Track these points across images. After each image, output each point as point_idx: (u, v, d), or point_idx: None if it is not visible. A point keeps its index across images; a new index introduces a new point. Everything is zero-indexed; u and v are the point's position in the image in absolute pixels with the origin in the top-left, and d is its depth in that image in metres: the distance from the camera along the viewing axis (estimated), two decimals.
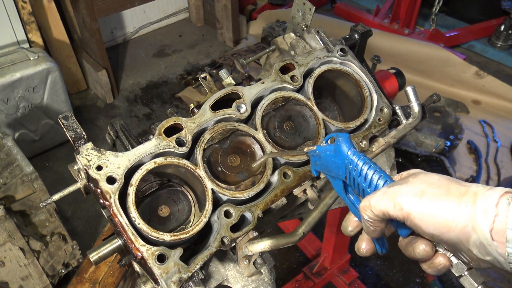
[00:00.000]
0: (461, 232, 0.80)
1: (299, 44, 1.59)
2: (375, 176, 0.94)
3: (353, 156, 0.97)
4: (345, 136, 1.00)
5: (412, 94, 1.48)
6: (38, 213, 2.61)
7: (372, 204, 0.89)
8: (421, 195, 0.84)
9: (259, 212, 1.25)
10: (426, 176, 0.88)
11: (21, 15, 3.78)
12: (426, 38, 5.02)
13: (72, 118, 1.19)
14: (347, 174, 0.99)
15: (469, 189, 0.82)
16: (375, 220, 0.91)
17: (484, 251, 0.79)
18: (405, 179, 0.91)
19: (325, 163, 1.05)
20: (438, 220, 0.81)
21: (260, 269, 1.30)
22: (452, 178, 0.87)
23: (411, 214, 0.84)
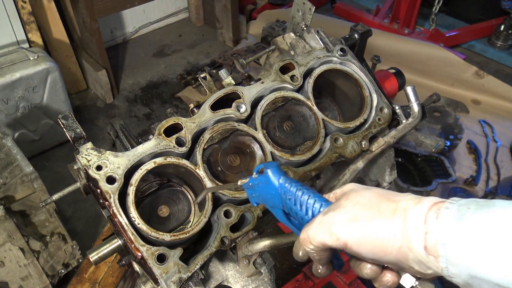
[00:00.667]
0: (398, 253, 0.80)
1: (299, 44, 1.59)
2: (311, 201, 0.93)
3: (286, 184, 0.96)
4: (273, 166, 0.99)
5: (412, 94, 1.48)
6: (38, 213, 2.61)
7: (311, 237, 0.88)
8: (354, 220, 0.84)
9: (259, 212, 1.25)
10: (358, 196, 0.88)
11: (20, 15, 3.77)
12: (426, 38, 5.02)
13: (71, 118, 1.19)
14: (283, 203, 0.98)
15: (399, 205, 0.82)
16: (317, 251, 0.90)
17: (424, 266, 0.79)
18: (338, 202, 0.90)
19: (260, 195, 1.03)
20: (374, 245, 0.82)
21: (260, 269, 1.30)
22: (384, 193, 0.87)
23: (347, 243, 0.84)
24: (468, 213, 0.74)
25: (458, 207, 0.76)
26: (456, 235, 0.73)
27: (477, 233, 0.72)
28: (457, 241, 0.73)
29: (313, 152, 1.36)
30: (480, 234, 0.71)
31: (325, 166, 1.37)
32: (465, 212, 0.75)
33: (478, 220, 0.73)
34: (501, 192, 3.47)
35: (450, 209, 0.76)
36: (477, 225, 0.72)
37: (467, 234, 0.72)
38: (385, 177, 1.67)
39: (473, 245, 0.72)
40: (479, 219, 0.73)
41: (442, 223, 0.75)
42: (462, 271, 0.74)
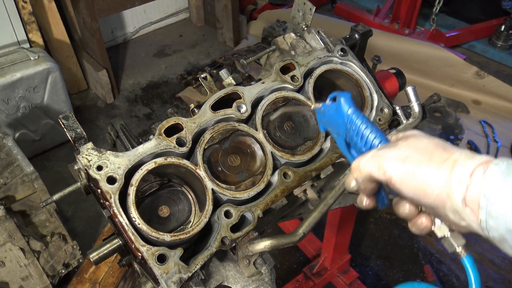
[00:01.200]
0: (437, 198, 0.82)
1: (300, 44, 1.59)
2: (371, 136, 0.97)
3: (353, 115, 1.01)
4: (346, 96, 1.03)
5: (413, 94, 1.47)
6: (38, 213, 2.61)
7: (361, 166, 0.92)
8: (404, 160, 0.86)
9: (260, 212, 1.24)
10: (416, 140, 0.91)
11: (21, 15, 3.78)
12: (426, 38, 5.02)
13: (72, 118, 1.19)
14: (347, 132, 1.03)
15: (451, 156, 0.84)
16: (364, 180, 0.94)
17: (459, 217, 0.82)
18: (396, 142, 0.93)
19: (328, 121, 1.10)
20: (416, 185, 0.84)
21: (260, 269, 1.30)
22: (442, 143, 0.89)
23: (392, 178, 0.87)
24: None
25: (507, 165, 0.78)
26: (501, 189, 0.75)
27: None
28: (500, 195, 0.75)
29: (313, 152, 1.36)
30: None
31: (325, 166, 1.37)
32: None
33: None
34: None
35: (499, 166, 0.78)
36: None
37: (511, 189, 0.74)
38: None
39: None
40: None
41: (488, 177, 0.77)
42: (500, 224, 0.76)
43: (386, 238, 3.30)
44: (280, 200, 1.30)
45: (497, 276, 3.00)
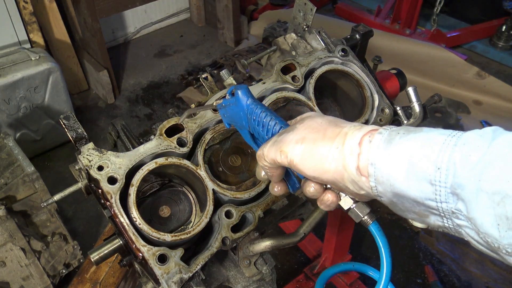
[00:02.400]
0: (335, 172, 0.87)
1: (300, 45, 1.59)
2: (272, 122, 1.01)
3: (252, 106, 1.04)
4: (243, 87, 1.07)
5: (413, 95, 1.47)
6: (39, 213, 2.62)
7: (265, 154, 0.97)
8: (302, 141, 0.91)
9: (260, 212, 1.25)
10: (311, 121, 0.95)
11: (22, 15, 3.78)
12: (427, 38, 5.01)
13: (73, 118, 1.19)
14: (249, 123, 1.06)
15: (342, 130, 0.88)
16: (270, 167, 0.99)
17: (357, 187, 0.86)
18: (293, 126, 0.97)
19: (230, 115, 1.12)
20: (315, 163, 0.88)
21: (261, 269, 1.30)
22: (335, 120, 0.94)
23: (294, 160, 0.91)
24: (397, 137, 0.81)
25: (390, 132, 0.82)
26: (383, 156, 0.80)
27: (400, 155, 0.78)
28: (383, 162, 0.80)
29: None
30: (402, 156, 0.78)
31: None
32: (394, 137, 0.81)
33: (403, 143, 0.79)
34: None
35: (383, 134, 0.83)
36: (401, 148, 0.79)
37: (392, 155, 0.79)
38: None
39: (396, 165, 0.78)
40: (404, 142, 0.79)
41: (373, 146, 0.82)
42: (387, 189, 0.81)
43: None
44: (281, 200, 1.31)
45: (497, 276, 3.00)
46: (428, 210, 0.78)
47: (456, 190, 0.72)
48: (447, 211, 0.75)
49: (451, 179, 0.72)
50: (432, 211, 0.77)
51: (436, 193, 0.75)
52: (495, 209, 0.67)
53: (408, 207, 0.81)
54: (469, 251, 3.14)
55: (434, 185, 0.74)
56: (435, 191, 0.74)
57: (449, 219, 0.76)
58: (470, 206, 0.70)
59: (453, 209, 0.74)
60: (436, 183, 0.74)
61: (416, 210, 0.80)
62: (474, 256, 3.09)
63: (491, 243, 0.70)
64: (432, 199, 0.75)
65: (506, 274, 3.01)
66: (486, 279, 2.98)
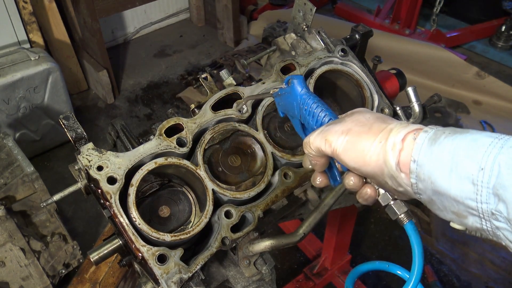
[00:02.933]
0: (375, 165, 0.88)
1: (300, 45, 1.59)
2: (322, 114, 1.03)
3: (305, 96, 1.07)
4: (299, 78, 1.10)
5: (413, 95, 1.47)
6: (38, 213, 2.61)
7: (311, 141, 0.99)
8: (347, 132, 0.92)
9: (260, 212, 1.24)
10: (360, 115, 0.97)
11: (22, 15, 3.78)
12: (427, 38, 5.01)
13: (73, 118, 1.19)
14: (300, 113, 1.09)
15: (388, 126, 0.89)
16: (314, 155, 1.00)
17: (396, 183, 0.87)
18: (342, 118, 0.99)
19: (284, 104, 1.15)
20: (357, 155, 0.90)
21: (261, 269, 1.30)
22: (383, 116, 0.95)
23: (337, 150, 0.93)
24: (442, 137, 0.80)
25: (435, 131, 0.82)
26: (427, 154, 0.80)
27: (444, 154, 0.78)
28: (427, 159, 0.80)
29: None
30: (446, 154, 0.78)
31: None
32: (440, 136, 0.81)
33: (448, 143, 0.79)
34: None
35: (428, 133, 0.83)
36: (446, 147, 0.79)
37: (436, 153, 0.79)
38: None
39: (439, 163, 0.79)
40: (449, 142, 0.79)
41: (418, 143, 0.82)
42: (427, 186, 0.81)
43: (387, 239, 3.30)
44: (280, 200, 1.31)
45: (497, 276, 3.00)
46: (467, 210, 0.77)
47: (498, 191, 0.71)
48: (487, 212, 0.74)
49: (494, 180, 0.72)
50: (471, 211, 0.77)
51: (477, 193, 0.74)
52: None
53: (447, 206, 0.81)
54: (468, 251, 3.14)
55: (476, 185, 0.74)
56: (477, 191, 0.74)
57: (488, 221, 0.75)
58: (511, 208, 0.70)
59: (493, 210, 0.73)
60: (478, 183, 0.73)
61: (455, 209, 0.79)
62: (473, 256, 3.09)
63: None
64: (472, 198, 0.75)
65: (506, 274, 3.01)
66: (485, 279, 2.98)
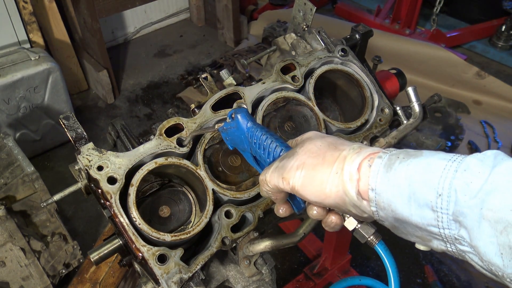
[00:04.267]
0: (336, 196, 0.87)
1: (300, 45, 1.59)
2: (272, 145, 1.01)
3: (252, 129, 1.05)
4: (242, 111, 1.08)
5: (413, 95, 1.47)
6: (39, 213, 2.61)
7: (267, 180, 0.98)
8: (302, 167, 0.91)
9: (260, 212, 1.24)
10: (311, 144, 0.95)
11: (22, 15, 3.78)
12: (427, 38, 5.01)
13: (73, 118, 1.19)
14: (250, 146, 1.07)
15: (341, 154, 0.88)
16: (273, 192, 0.99)
17: (360, 210, 0.87)
18: (294, 150, 0.97)
19: (232, 138, 1.13)
20: (316, 189, 0.89)
21: (261, 269, 1.30)
22: (334, 142, 0.93)
23: (295, 187, 0.92)
24: (397, 162, 0.80)
25: (389, 157, 0.82)
26: (384, 182, 0.80)
27: (401, 181, 0.78)
28: (384, 188, 0.80)
29: None
30: (403, 181, 0.78)
31: None
32: (394, 161, 0.80)
33: (403, 168, 0.79)
34: None
35: (382, 158, 0.82)
36: (401, 173, 0.78)
37: (393, 181, 0.79)
38: None
39: (397, 191, 0.78)
40: (404, 167, 0.79)
41: (373, 171, 0.82)
42: (388, 214, 0.81)
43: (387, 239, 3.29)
44: None
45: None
46: (431, 235, 0.77)
47: (458, 217, 0.71)
48: (450, 237, 0.74)
49: (453, 206, 0.72)
50: (434, 236, 0.77)
51: (438, 219, 0.74)
52: (498, 238, 0.66)
53: (410, 231, 0.81)
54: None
55: (436, 212, 0.74)
56: (437, 218, 0.74)
57: (452, 244, 0.75)
58: (473, 234, 0.70)
59: (456, 236, 0.73)
60: (438, 210, 0.73)
61: (419, 234, 0.80)
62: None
63: (495, 271, 0.70)
64: (434, 225, 0.75)
65: None
66: (485, 279, 2.98)
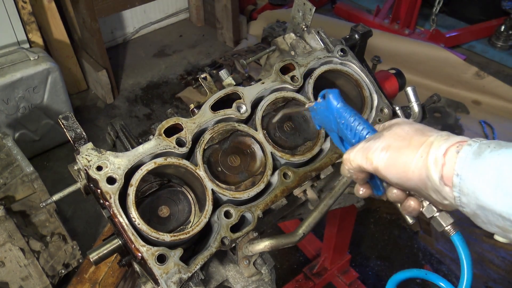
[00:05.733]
0: (418, 180, 0.88)
1: (299, 45, 1.59)
2: (359, 127, 1.04)
3: (341, 110, 1.08)
4: (334, 92, 1.10)
5: (412, 95, 1.47)
6: (38, 213, 2.61)
7: (351, 159, 0.99)
8: (387, 149, 0.93)
9: (259, 212, 1.24)
10: (398, 128, 0.96)
11: (21, 15, 3.78)
12: (426, 38, 5.02)
13: (72, 118, 1.19)
14: (338, 127, 1.09)
15: (428, 139, 0.89)
16: (355, 171, 1.01)
17: (440, 196, 0.87)
18: (381, 132, 0.99)
19: (320, 118, 1.16)
20: (398, 171, 0.90)
21: (260, 269, 1.30)
22: (422, 128, 0.94)
23: (378, 168, 0.94)
24: (487, 151, 0.79)
25: (480, 145, 0.82)
26: (471, 168, 0.80)
27: (489, 168, 0.77)
28: (470, 174, 0.79)
29: (313, 152, 1.36)
30: (492, 169, 0.77)
31: (325, 166, 1.37)
32: (484, 150, 0.80)
33: (493, 157, 0.78)
34: None
35: (472, 146, 0.82)
36: (491, 161, 0.78)
37: (481, 168, 0.78)
38: None
39: (484, 178, 0.78)
40: (494, 156, 0.78)
41: (461, 157, 0.81)
42: (471, 201, 0.81)
43: (386, 238, 3.30)
44: (280, 200, 1.30)
45: (497, 276, 3.00)
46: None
47: None
48: None
49: None
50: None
51: None
52: None
53: (491, 220, 0.80)
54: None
55: None
56: None
57: None
58: None
59: None
60: None
61: (501, 224, 0.79)
62: (473, 256, 3.09)
63: None
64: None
65: (505, 274, 3.01)
66: (485, 279, 2.98)
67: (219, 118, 1.29)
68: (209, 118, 1.28)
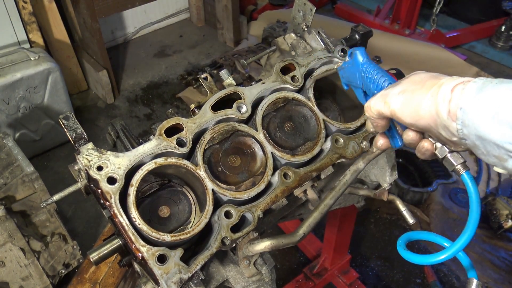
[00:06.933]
0: (429, 117, 0.92)
1: (300, 45, 1.59)
2: (381, 79, 1.11)
3: (366, 65, 1.16)
4: (361, 49, 1.19)
5: None
6: (38, 213, 2.61)
7: (371, 105, 1.05)
8: (403, 92, 0.98)
9: (260, 212, 1.24)
10: (415, 76, 1.01)
11: (22, 15, 3.78)
12: (426, 38, 5.02)
13: (72, 118, 1.19)
14: (362, 81, 1.16)
15: (440, 81, 0.92)
16: (375, 118, 1.07)
17: (449, 133, 0.91)
18: (399, 81, 1.04)
19: (348, 75, 1.24)
20: (411, 111, 0.95)
21: (261, 269, 1.30)
22: (438, 74, 0.98)
23: (394, 110, 0.99)
24: (489, 86, 0.84)
25: (484, 81, 0.85)
26: (473, 101, 0.84)
27: (488, 101, 0.82)
28: (472, 106, 0.84)
29: (313, 152, 1.36)
30: (490, 102, 0.82)
31: (325, 166, 1.37)
32: (487, 85, 0.84)
33: (494, 90, 0.82)
34: (502, 193, 3.46)
35: (477, 83, 0.86)
36: (491, 94, 0.82)
37: (481, 101, 0.83)
38: (386, 178, 1.67)
39: (483, 110, 0.82)
40: (495, 90, 0.82)
41: (465, 92, 0.86)
42: (471, 132, 0.86)
43: (386, 239, 3.30)
44: (280, 200, 1.30)
45: (497, 276, 3.00)
46: (508, 153, 0.81)
47: None
48: None
49: None
50: (511, 154, 0.81)
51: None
52: None
53: (489, 150, 0.85)
54: (468, 251, 3.14)
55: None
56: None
57: None
58: None
59: None
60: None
61: (497, 153, 0.83)
62: (473, 256, 3.09)
63: None
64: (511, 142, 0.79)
65: (505, 274, 3.01)
66: (485, 279, 2.98)
67: (219, 118, 1.29)
68: (209, 118, 1.28)
